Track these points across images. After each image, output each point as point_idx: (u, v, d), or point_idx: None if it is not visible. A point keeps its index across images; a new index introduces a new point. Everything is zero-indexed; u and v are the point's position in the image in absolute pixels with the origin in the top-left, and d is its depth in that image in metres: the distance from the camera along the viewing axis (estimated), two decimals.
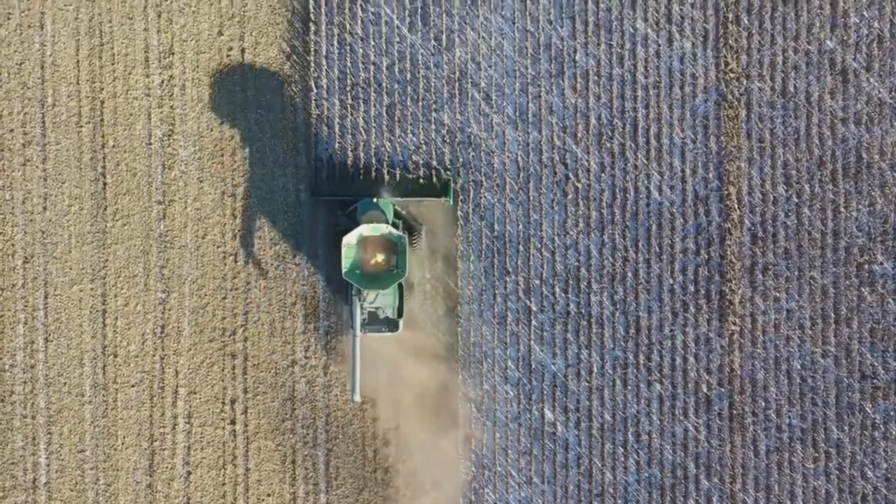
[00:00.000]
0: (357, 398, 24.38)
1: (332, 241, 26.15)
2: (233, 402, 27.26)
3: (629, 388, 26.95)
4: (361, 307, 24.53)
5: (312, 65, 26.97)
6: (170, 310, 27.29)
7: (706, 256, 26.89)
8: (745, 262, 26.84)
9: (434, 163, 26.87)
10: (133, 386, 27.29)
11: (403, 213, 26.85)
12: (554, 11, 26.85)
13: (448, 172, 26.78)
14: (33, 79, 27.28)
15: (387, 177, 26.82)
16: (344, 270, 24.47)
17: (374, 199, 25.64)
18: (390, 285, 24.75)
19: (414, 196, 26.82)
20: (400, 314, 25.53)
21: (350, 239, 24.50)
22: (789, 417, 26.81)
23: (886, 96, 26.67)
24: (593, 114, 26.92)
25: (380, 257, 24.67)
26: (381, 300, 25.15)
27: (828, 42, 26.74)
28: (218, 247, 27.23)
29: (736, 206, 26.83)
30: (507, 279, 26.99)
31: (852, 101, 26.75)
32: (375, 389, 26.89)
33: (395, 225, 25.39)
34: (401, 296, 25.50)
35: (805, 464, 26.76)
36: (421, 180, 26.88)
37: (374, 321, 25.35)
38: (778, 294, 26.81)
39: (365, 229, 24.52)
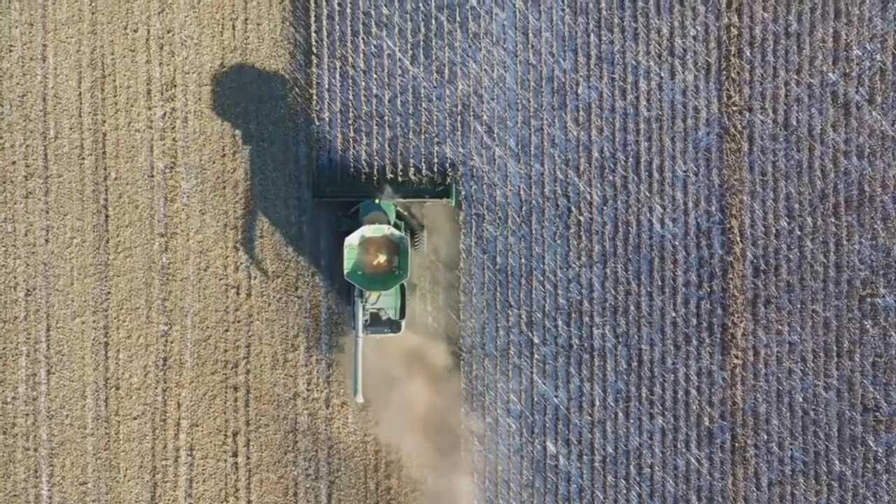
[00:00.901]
0: (359, 399, 24.41)
1: (335, 242, 25.99)
2: (235, 434, 27.25)
3: (631, 420, 26.94)
4: (364, 308, 24.50)
5: (314, 97, 26.95)
6: (172, 342, 27.28)
7: (708, 289, 26.89)
8: (748, 295, 26.84)
9: (436, 165, 26.79)
10: (135, 418, 27.29)
11: (405, 213, 26.76)
12: (556, 44, 26.83)
13: (450, 174, 26.68)
14: (35, 111, 27.27)
15: (389, 177, 26.69)
16: (346, 271, 24.43)
17: (376, 200, 25.58)
18: (392, 286, 24.68)
19: (416, 197, 26.73)
20: (402, 315, 25.46)
21: (352, 240, 24.43)
22: (791, 450, 26.80)
23: (889, 129, 26.66)
24: (595, 146, 26.91)
25: (382, 258, 24.65)
26: (383, 301, 25.10)
27: (830, 75, 26.73)
28: (220, 279, 27.22)
29: (738, 238, 26.83)
30: (510, 312, 26.98)
31: (855, 133, 26.74)
32: (378, 423, 26.90)
33: (396, 226, 25.29)
34: (403, 297, 25.41)
35: (807, 496, 26.76)
36: (423, 182, 26.79)
37: (377, 322, 25.34)
38: (780, 327, 26.81)
39: (367, 230, 24.46)
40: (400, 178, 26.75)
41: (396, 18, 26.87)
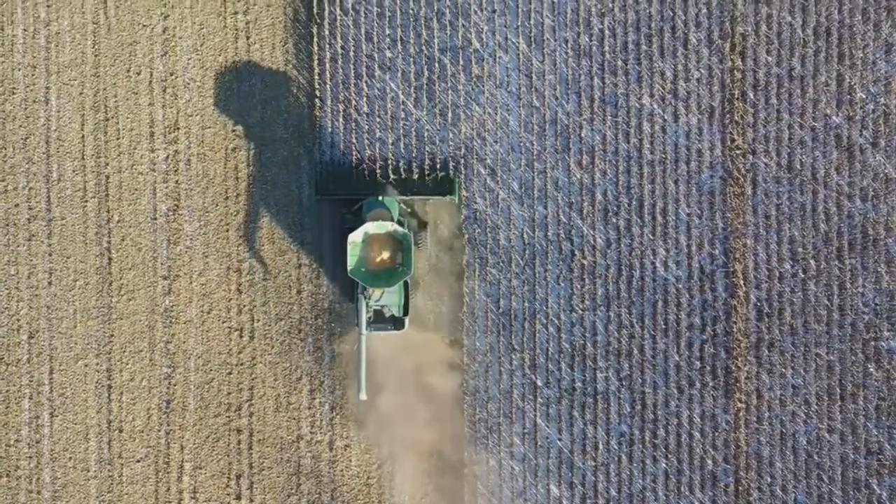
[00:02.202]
0: (363, 396, 24.40)
1: (339, 240, 25.93)
2: (238, 477, 27.23)
3: (635, 463, 26.93)
4: (367, 305, 24.50)
5: (318, 140, 26.93)
6: (175, 385, 27.27)
7: (712, 332, 26.87)
8: (751, 339, 26.82)
9: (439, 163, 26.74)
10: (138, 461, 27.28)
11: (409, 211, 26.73)
12: (560, 87, 26.81)
13: (452, 171, 26.63)
14: (38, 153, 27.26)
15: (391, 175, 26.64)
16: (349, 268, 24.36)
17: (380, 198, 25.53)
18: (396, 283, 24.64)
19: (419, 195, 26.68)
20: (406, 312, 25.37)
21: (356, 237, 24.37)
22: (795, 493, 26.78)
23: (893, 172, 26.64)
24: (599, 189, 26.89)
25: (385, 255, 24.62)
26: (386, 298, 25.03)
27: (834, 118, 26.70)
28: (223, 322, 27.21)
29: (742, 282, 26.80)
30: (513, 355, 26.97)
31: (858, 176, 26.71)
32: (380, 464, 26.91)
33: (400, 223, 25.26)
34: (406, 294, 25.34)
35: None
36: (426, 179, 26.74)
37: (380, 319, 25.29)
38: (784, 370, 26.79)
39: (371, 227, 24.41)
40: (403, 176, 26.65)
41: (400, 61, 26.86)
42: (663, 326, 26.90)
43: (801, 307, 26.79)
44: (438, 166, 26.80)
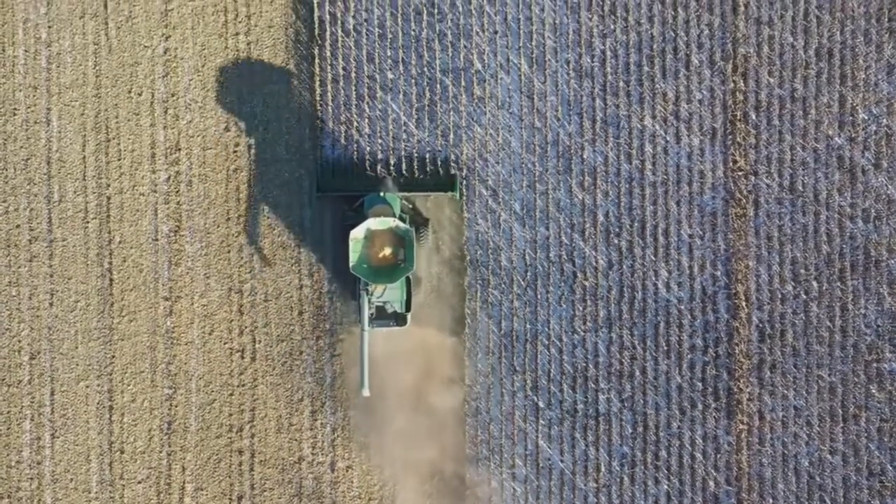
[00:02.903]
0: (366, 392, 24.34)
1: (340, 237, 25.86)
2: (240, 498, 27.21)
3: (637, 485, 26.90)
4: (369, 301, 24.46)
5: (318, 161, 26.89)
6: (176, 406, 27.24)
7: (714, 354, 26.84)
8: (753, 360, 26.79)
9: (440, 158, 26.70)
10: (140, 482, 27.25)
11: (411, 207, 26.68)
12: (561, 108, 26.78)
13: (454, 167, 26.60)
14: (39, 174, 27.23)
15: (392, 172, 26.62)
16: (351, 264, 24.28)
17: (381, 194, 25.48)
18: (398, 279, 24.56)
19: (420, 191, 26.64)
20: (408, 308, 25.30)
21: (357, 233, 24.29)
22: None
23: (895, 193, 26.60)
24: (601, 210, 26.86)
25: (387, 251, 24.56)
26: (388, 294, 24.96)
27: (836, 139, 26.68)
28: (224, 343, 27.18)
29: (744, 303, 26.78)
30: (515, 376, 26.94)
31: (860, 198, 26.69)
32: (382, 486, 26.89)
33: (401, 219, 25.19)
34: (408, 290, 25.28)
35: None
36: (427, 175, 26.71)
37: (382, 315, 25.21)
38: (786, 391, 26.77)
39: (372, 223, 24.34)
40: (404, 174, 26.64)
41: (401, 82, 26.83)
42: (665, 348, 26.88)
43: (804, 328, 26.76)
44: (439, 163, 26.69)
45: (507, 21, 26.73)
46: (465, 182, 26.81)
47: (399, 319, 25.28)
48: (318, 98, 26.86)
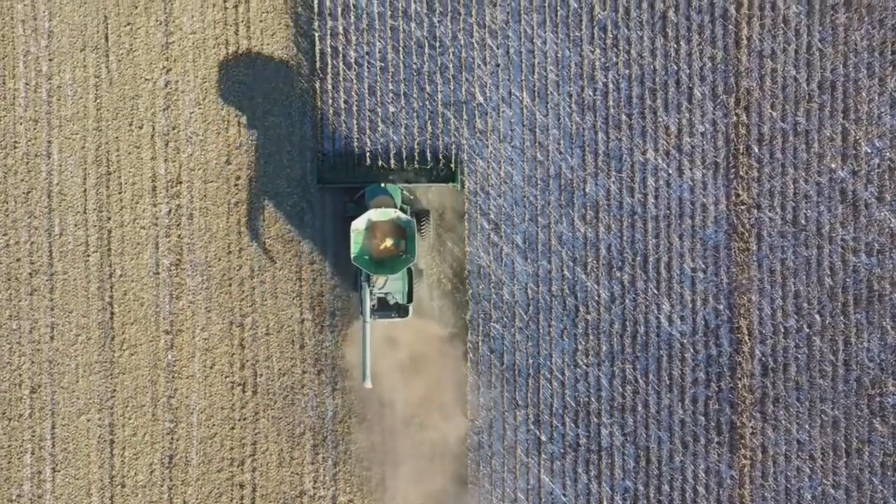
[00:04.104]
0: (368, 384, 24.28)
1: (341, 229, 25.75)
2: None
3: None
4: (371, 293, 24.37)
5: (317, 197, 26.82)
6: (178, 440, 27.16)
7: (717, 388, 26.76)
8: (756, 394, 26.71)
9: (441, 149, 26.57)
10: None
11: (412, 198, 26.57)
12: (564, 141, 26.71)
13: (455, 158, 26.49)
14: (40, 208, 27.17)
15: (393, 163, 26.51)
16: (353, 255, 24.15)
17: (382, 184, 25.33)
18: (399, 270, 24.45)
19: (421, 182, 26.53)
20: (410, 299, 25.18)
21: (358, 224, 24.15)
22: None
23: None
24: (603, 244, 26.78)
25: (388, 242, 24.43)
26: (390, 285, 24.86)
27: (839, 172, 26.60)
28: (226, 377, 27.11)
29: (747, 337, 26.69)
30: (517, 410, 26.85)
31: (864, 231, 26.60)
32: None
33: (402, 210, 25.04)
34: (410, 281, 25.17)
35: None
36: (428, 166, 26.61)
37: (384, 307, 25.10)
38: (789, 425, 26.68)
39: (373, 214, 24.22)
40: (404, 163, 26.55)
41: (403, 115, 26.75)
42: (668, 382, 26.79)
43: (806, 362, 26.68)
44: (441, 154, 26.58)
45: (509, 54, 26.65)
46: (467, 216, 26.75)
47: (401, 311, 25.15)
48: (319, 131, 26.78)
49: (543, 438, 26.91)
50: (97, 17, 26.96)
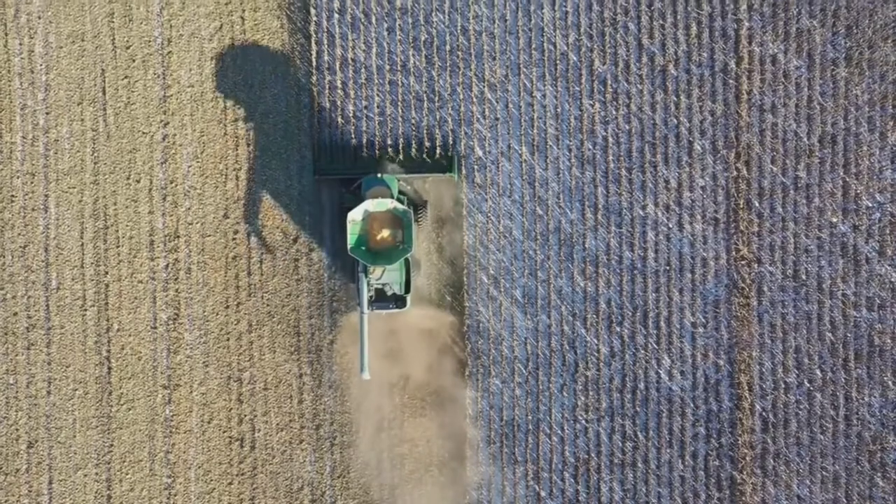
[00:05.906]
0: (366, 376, 24.10)
1: (339, 220, 25.58)
2: None
3: None
4: (368, 284, 24.22)
5: (318, 254, 26.72)
6: (175, 495, 27.02)
7: (717, 443, 26.62)
8: (757, 450, 26.58)
9: (438, 139, 26.41)
10: None
11: (409, 188, 26.41)
12: (563, 196, 26.59)
13: (452, 148, 26.33)
14: (37, 262, 27.03)
15: (390, 153, 26.38)
16: (350, 246, 24.03)
17: (379, 175, 25.21)
18: (396, 261, 24.31)
19: (418, 172, 26.38)
20: (407, 290, 24.99)
21: (355, 215, 24.04)
22: None
23: None
24: (603, 299, 26.65)
25: (385, 233, 24.34)
26: (387, 276, 24.68)
27: (840, 226, 26.48)
28: (224, 432, 26.97)
29: (747, 392, 26.56)
30: (517, 466, 26.72)
31: (864, 286, 26.48)
32: None
33: (400, 200, 24.87)
34: (408, 271, 24.98)
35: None
36: (425, 156, 26.44)
37: (382, 298, 24.92)
38: (789, 481, 26.55)
39: (370, 205, 24.08)
40: (401, 153, 26.39)
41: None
42: (668, 437, 26.66)
43: (807, 418, 26.55)
44: (438, 144, 26.41)
45: (509, 108, 26.53)
46: (466, 271, 26.63)
47: (398, 301, 24.97)
48: (318, 186, 26.63)
49: (543, 494, 26.78)
50: (94, 71, 26.83)
